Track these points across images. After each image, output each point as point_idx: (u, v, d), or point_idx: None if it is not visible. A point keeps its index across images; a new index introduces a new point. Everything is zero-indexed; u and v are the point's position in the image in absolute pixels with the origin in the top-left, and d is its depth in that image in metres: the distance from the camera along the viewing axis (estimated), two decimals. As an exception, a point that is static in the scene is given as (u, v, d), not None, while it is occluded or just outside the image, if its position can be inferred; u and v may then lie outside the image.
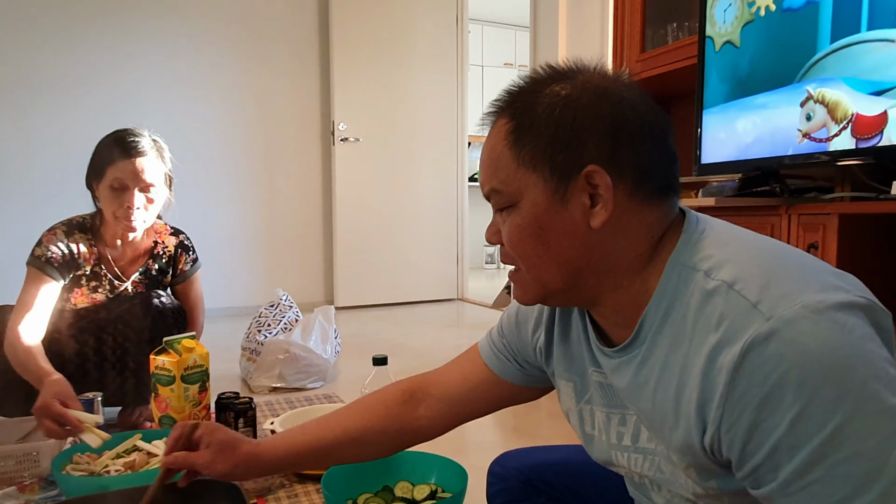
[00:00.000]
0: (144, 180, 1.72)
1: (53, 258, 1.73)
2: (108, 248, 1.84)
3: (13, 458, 1.44)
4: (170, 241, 1.95)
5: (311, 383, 2.33)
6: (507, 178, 0.68)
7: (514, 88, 0.71)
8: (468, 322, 3.99)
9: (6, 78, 3.51)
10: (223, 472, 0.90)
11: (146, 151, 1.74)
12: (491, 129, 0.71)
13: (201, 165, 3.97)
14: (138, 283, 1.89)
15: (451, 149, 4.55)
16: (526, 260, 0.70)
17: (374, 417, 0.94)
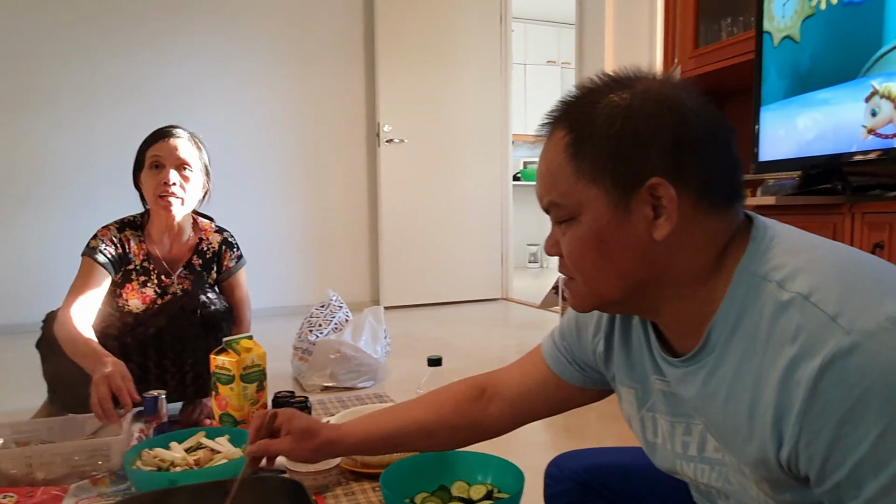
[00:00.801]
0: (179, 157, 1.80)
1: (107, 250, 1.82)
2: (156, 245, 1.91)
3: (86, 452, 1.51)
4: (214, 239, 2.00)
5: (362, 383, 2.36)
6: (567, 191, 0.68)
7: (570, 99, 0.70)
8: (514, 322, 3.99)
9: (71, 85, 3.66)
10: (305, 458, 0.97)
11: (181, 135, 1.85)
12: (547, 141, 0.71)
13: (252, 168, 4.07)
14: (184, 278, 1.94)
15: (495, 148, 4.55)
16: (586, 272, 0.70)
17: (446, 412, 0.97)
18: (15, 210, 3.56)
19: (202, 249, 1.97)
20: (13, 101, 3.57)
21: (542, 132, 0.73)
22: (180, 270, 1.94)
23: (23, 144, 3.59)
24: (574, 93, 0.71)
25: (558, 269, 0.76)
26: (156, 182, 1.79)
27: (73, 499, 1.42)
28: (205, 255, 1.97)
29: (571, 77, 6.48)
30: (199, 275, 1.95)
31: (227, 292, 2.03)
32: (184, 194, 1.82)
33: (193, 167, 1.85)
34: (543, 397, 0.93)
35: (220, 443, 1.48)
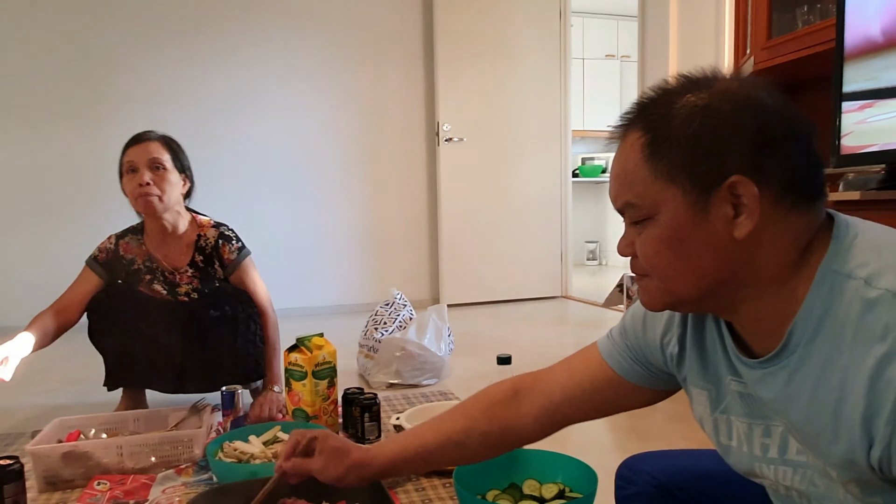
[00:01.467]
0: (151, 157, 1.88)
1: (99, 256, 1.99)
2: (156, 245, 2.01)
3: (170, 443, 1.59)
4: (211, 234, 2.05)
5: (427, 380, 2.39)
6: (644, 191, 0.67)
7: (645, 100, 0.70)
8: (573, 319, 3.95)
9: (142, 92, 3.83)
10: (335, 478, 0.96)
11: (151, 137, 1.94)
12: (622, 142, 0.71)
13: (314, 168, 4.16)
14: (192, 277, 2.03)
15: (554, 144, 4.51)
16: (661, 272, 0.69)
17: (476, 418, 0.95)
18: (83, 213, 3.76)
19: (201, 245, 2.03)
20: (86, 108, 3.77)
21: (615, 134, 0.73)
22: (186, 269, 2.02)
23: (91, 150, 3.78)
24: (649, 94, 0.71)
25: (631, 269, 0.76)
26: (133, 185, 1.88)
27: (160, 487, 1.50)
28: (204, 250, 2.03)
29: (631, 71, 6.35)
30: (204, 272, 2.03)
31: (239, 286, 2.08)
32: (159, 192, 1.89)
33: (166, 165, 1.92)
34: (594, 397, 0.91)
35: (295, 437, 1.53)
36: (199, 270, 2.03)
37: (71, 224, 3.75)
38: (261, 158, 4.05)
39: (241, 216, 3.97)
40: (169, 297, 2.02)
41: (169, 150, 1.96)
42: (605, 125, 6.15)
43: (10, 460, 1.36)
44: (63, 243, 3.72)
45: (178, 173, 1.97)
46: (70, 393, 2.43)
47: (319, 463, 0.96)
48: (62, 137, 3.74)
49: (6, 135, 3.66)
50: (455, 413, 0.98)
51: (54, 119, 3.72)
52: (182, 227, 2.03)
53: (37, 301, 3.71)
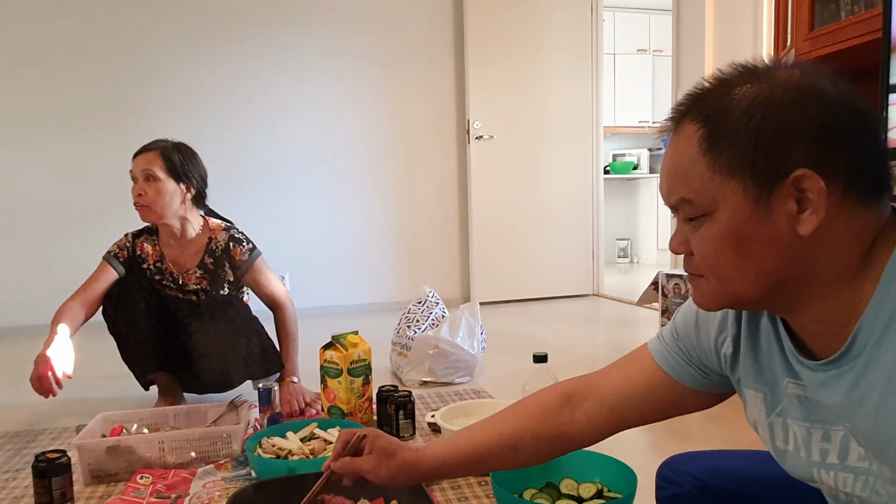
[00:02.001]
0: (144, 170, 2.00)
1: (119, 254, 2.09)
2: (168, 246, 2.11)
3: (209, 439, 1.61)
4: (221, 237, 2.12)
5: (459, 378, 2.39)
6: (701, 187, 0.65)
7: (699, 91, 0.68)
8: (606, 318, 3.91)
9: (176, 96, 3.90)
10: (385, 478, 0.94)
11: (149, 149, 2.04)
12: (675, 136, 0.69)
13: (346, 168, 4.20)
14: (200, 278, 2.10)
15: (585, 141, 4.47)
16: (719, 271, 0.67)
17: (529, 421, 0.93)
18: (121, 215, 3.83)
19: (212, 248, 2.11)
20: (123, 115, 3.85)
21: (668, 126, 0.71)
22: (194, 270, 2.09)
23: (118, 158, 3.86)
24: (704, 85, 0.68)
25: (684, 268, 0.74)
26: (134, 194, 2.02)
27: (200, 481, 1.52)
28: (215, 253, 2.11)
29: (664, 66, 6.25)
30: (214, 273, 2.11)
31: (254, 287, 2.15)
32: (149, 202, 2.00)
33: (158, 175, 1.99)
34: (650, 401, 0.88)
35: (332, 434, 1.55)
36: (209, 272, 2.10)
37: (109, 228, 3.84)
38: (292, 159, 4.10)
39: (273, 217, 4.04)
40: (178, 293, 2.11)
41: (165, 159, 2.02)
42: (637, 121, 6.12)
43: (58, 454, 1.40)
44: (97, 247, 3.81)
45: (175, 182, 2.03)
46: (110, 388, 2.49)
47: (370, 463, 0.95)
48: (101, 143, 3.83)
49: (48, 141, 3.76)
50: (507, 416, 0.96)
51: (93, 125, 3.81)
52: (192, 231, 2.11)
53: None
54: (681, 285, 2.44)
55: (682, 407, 0.89)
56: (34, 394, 2.48)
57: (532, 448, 0.93)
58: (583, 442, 0.94)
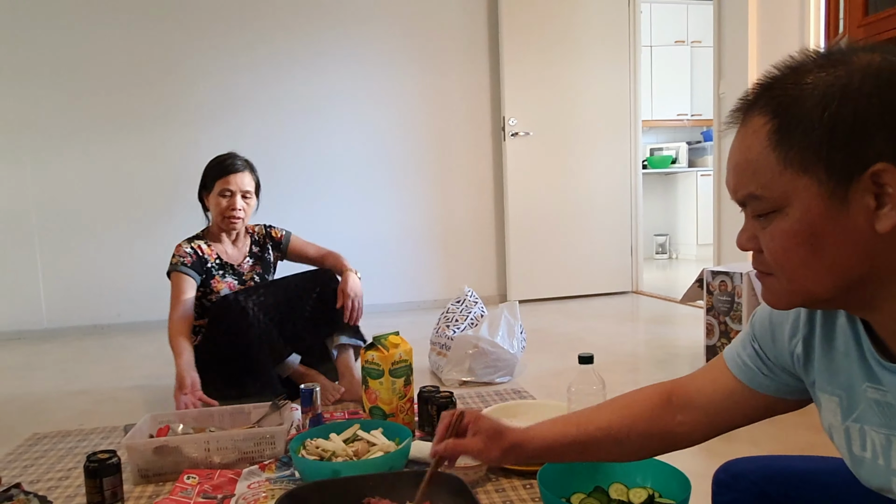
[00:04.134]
0: (243, 189, 2.26)
1: (185, 261, 2.23)
2: (220, 245, 2.34)
3: (253, 440, 1.62)
4: (258, 229, 2.44)
5: (500, 378, 2.37)
6: (770, 182, 0.62)
7: (768, 80, 0.64)
8: (646, 315, 3.84)
9: (215, 99, 3.96)
10: (494, 459, 0.94)
11: (242, 168, 2.27)
12: (742, 128, 0.65)
13: (381, 166, 4.20)
14: (252, 265, 2.37)
15: (623, 135, 4.40)
16: (790, 269, 0.64)
17: (635, 418, 0.91)
18: (168, 215, 3.92)
19: (255, 239, 2.42)
20: (160, 116, 3.92)
21: (734, 118, 0.67)
22: (246, 260, 2.37)
23: (167, 158, 3.93)
24: (773, 73, 0.65)
25: (752, 265, 0.71)
26: (225, 207, 2.24)
27: (245, 482, 1.54)
28: (258, 242, 2.42)
29: (702, 57, 6.13)
30: (261, 258, 2.40)
31: (299, 256, 2.45)
32: (244, 215, 2.28)
33: (251, 193, 2.29)
34: (734, 407, 0.86)
35: (375, 435, 1.54)
36: (258, 259, 2.40)
37: (158, 227, 3.92)
38: (327, 160, 4.12)
39: (309, 217, 4.07)
40: (239, 285, 2.32)
41: (255, 180, 2.32)
42: (675, 114, 5.99)
43: (108, 454, 1.42)
44: (141, 248, 3.90)
45: (256, 199, 2.34)
46: (157, 387, 2.54)
47: (478, 444, 0.94)
48: (142, 148, 3.91)
49: (90, 146, 3.86)
50: (612, 409, 0.95)
51: (134, 131, 3.89)
52: (241, 233, 2.39)
53: (128, 301, 3.91)
54: (727, 283, 2.37)
55: (767, 410, 0.86)
56: (83, 392, 2.56)
57: (637, 444, 0.92)
58: (686, 443, 0.92)
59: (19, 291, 3.83)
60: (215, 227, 2.33)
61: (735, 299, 2.35)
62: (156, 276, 3.90)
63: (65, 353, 3.39)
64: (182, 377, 1.95)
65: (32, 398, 2.51)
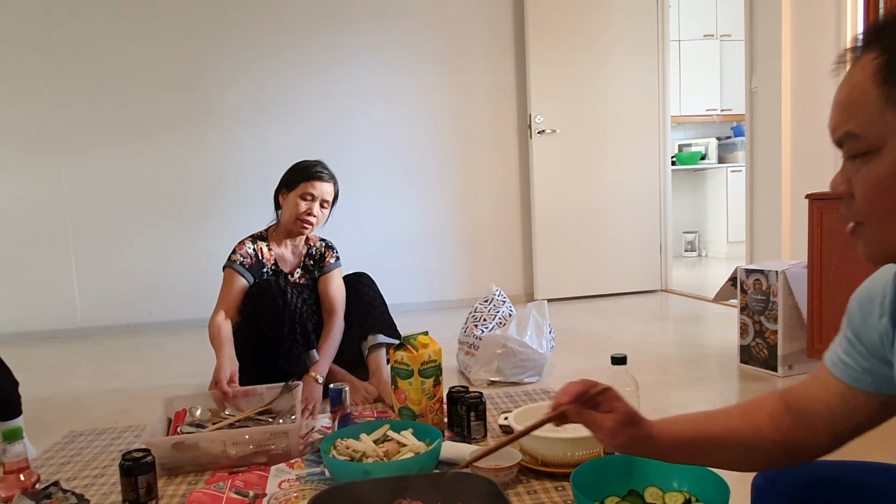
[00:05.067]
0: (324, 197, 2.30)
1: (244, 261, 2.25)
2: (280, 249, 2.36)
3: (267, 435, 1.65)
4: (319, 244, 2.44)
5: (528, 378, 2.35)
6: (870, 120, 0.59)
7: (883, 21, 0.62)
8: (675, 314, 3.78)
9: (247, 100, 3.99)
10: (618, 443, 0.90)
11: (329, 179, 2.32)
12: (852, 66, 0.63)
13: (406, 165, 4.20)
14: (301, 276, 2.39)
15: (651, 131, 4.34)
16: (880, 216, 0.61)
17: (763, 426, 0.86)
18: (198, 216, 3.97)
19: (312, 253, 2.42)
20: (189, 119, 3.97)
21: (845, 57, 0.64)
22: (298, 270, 2.38)
23: (196, 160, 3.98)
24: (891, 14, 0.62)
25: (843, 213, 0.67)
26: (302, 210, 2.26)
27: (276, 479, 1.55)
28: (313, 256, 2.41)
29: (732, 51, 6.01)
30: (310, 272, 2.40)
31: (323, 286, 2.37)
32: (316, 223, 2.31)
33: (329, 203, 2.33)
34: (851, 411, 0.80)
35: (405, 436, 1.54)
36: (307, 271, 2.40)
37: (188, 228, 3.97)
38: (353, 159, 4.13)
39: (336, 216, 4.07)
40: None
41: (336, 192, 2.36)
42: (704, 109, 5.87)
43: (142, 452, 1.44)
44: (174, 246, 3.95)
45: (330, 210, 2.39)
46: (190, 385, 2.57)
47: (610, 422, 0.90)
48: (177, 149, 3.96)
49: (126, 148, 3.92)
50: (736, 415, 0.90)
51: (169, 132, 3.95)
52: (302, 240, 2.42)
53: (159, 301, 3.97)
54: (762, 281, 2.32)
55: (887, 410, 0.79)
56: (117, 391, 2.60)
57: (765, 454, 0.86)
58: (811, 453, 0.86)
59: (55, 292, 3.91)
60: (283, 227, 2.33)
61: (770, 298, 2.30)
62: (185, 277, 3.98)
63: (98, 351, 3.45)
64: (219, 370, 1.98)
65: (68, 396, 2.56)
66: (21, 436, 1.23)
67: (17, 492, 1.18)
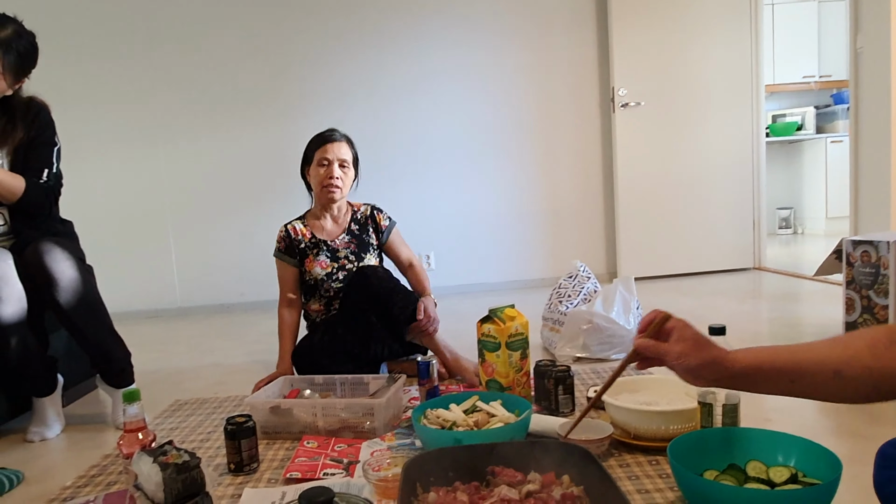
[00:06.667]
0: (340, 157, 2.27)
1: (280, 246, 2.35)
2: (318, 224, 2.36)
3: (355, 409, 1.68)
4: (364, 208, 2.43)
5: (615, 354, 2.30)
6: None
7: None
8: (771, 293, 3.59)
9: (320, 86, 4.08)
10: (692, 367, 0.89)
11: (340, 139, 2.30)
12: None
13: (486, 143, 4.18)
14: (348, 243, 2.35)
15: (744, 101, 4.12)
16: None
17: (859, 352, 0.82)
18: (284, 199, 4.09)
19: (357, 218, 2.41)
20: (283, 102, 4.10)
21: None
22: (343, 236, 2.35)
23: (280, 144, 4.10)
24: None
25: None
26: (323, 176, 2.27)
27: (368, 449, 1.59)
28: (360, 221, 2.40)
29: (833, 13, 5.61)
30: (360, 238, 2.37)
31: (393, 252, 2.43)
32: (342, 184, 2.29)
33: (349, 163, 2.30)
34: None
35: (494, 407, 1.54)
36: (355, 237, 2.37)
37: (275, 210, 4.13)
38: (431, 137, 4.15)
39: (414, 197, 4.13)
40: (333, 262, 2.30)
41: (352, 150, 2.34)
42: (801, 77, 5.50)
43: (245, 418, 1.51)
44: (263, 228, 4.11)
45: (354, 170, 2.36)
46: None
47: (678, 349, 0.91)
48: (253, 132, 4.11)
49: (205, 134, 4.10)
50: (829, 342, 0.87)
51: (245, 115, 4.10)
52: (342, 209, 2.40)
53: (250, 281, 4.14)
54: (870, 253, 2.17)
55: None
56: (215, 365, 2.74)
57: (857, 380, 0.83)
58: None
59: (156, 274, 4.16)
60: (317, 201, 2.37)
61: (880, 271, 2.14)
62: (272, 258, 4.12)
63: (196, 329, 3.65)
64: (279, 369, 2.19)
65: (171, 370, 2.72)
66: (139, 398, 1.32)
67: (137, 448, 1.27)
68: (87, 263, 2.01)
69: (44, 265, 1.77)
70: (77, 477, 1.58)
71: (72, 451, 1.81)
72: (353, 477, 1.42)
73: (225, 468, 1.51)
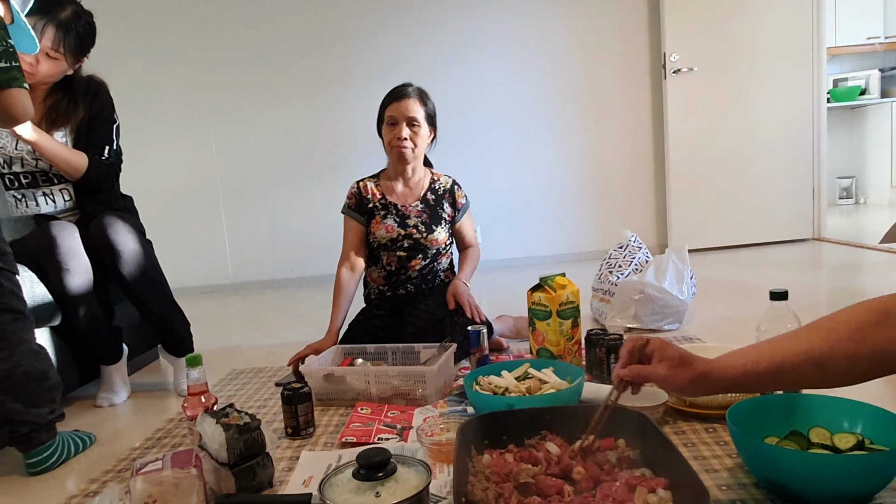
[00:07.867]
0: (408, 115, 2.13)
1: (350, 203, 2.27)
2: (391, 186, 2.27)
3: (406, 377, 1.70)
4: (445, 180, 2.33)
5: (668, 325, 2.26)
6: None
7: None
8: (831, 263, 3.46)
9: (371, 62, 4.08)
10: (679, 387, 0.92)
11: (411, 95, 2.16)
12: None
13: (532, 113, 4.13)
14: (420, 211, 2.26)
15: (804, 66, 3.94)
16: None
17: (840, 338, 0.84)
18: (333, 175, 4.14)
19: (435, 188, 2.30)
20: (330, 79, 4.12)
21: None
22: (416, 203, 2.26)
23: (329, 121, 4.14)
24: None
25: None
26: (392, 136, 2.16)
27: (421, 415, 1.61)
28: (437, 192, 2.30)
29: (900, -33, 5.29)
30: (433, 209, 2.28)
31: (460, 231, 2.36)
32: (412, 145, 2.16)
33: (420, 121, 2.16)
34: None
35: (546, 374, 1.54)
36: (429, 207, 2.28)
37: (323, 187, 4.18)
38: (479, 108, 4.12)
39: (463, 168, 4.08)
40: (400, 229, 2.23)
41: (424, 106, 2.19)
42: (865, 38, 5.22)
43: (301, 384, 1.55)
44: (312, 205, 4.17)
45: (428, 126, 2.21)
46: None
47: (663, 371, 0.94)
48: (314, 108, 4.15)
49: (264, 111, 4.16)
50: (812, 332, 0.89)
51: (305, 93, 4.14)
52: (418, 172, 2.30)
53: (300, 257, 4.22)
54: (943, 217, 2.06)
55: None
56: (268, 336, 2.82)
57: (843, 368, 0.85)
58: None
59: (210, 251, 4.28)
60: (391, 162, 2.27)
61: (953, 237, 2.03)
62: (321, 235, 4.17)
63: (248, 303, 3.75)
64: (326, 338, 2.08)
65: (227, 341, 2.81)
66: (201, 362, 1.37)
67: (201, 410, 1.32)
68: (147, 238, 2.08)
69: (108, 238, 1.84)
70: (144, 439, 1.65)
71: (138, 415, 1.90)
72: (407, 442, 1.45)
73: (282, 432, 1.55)
